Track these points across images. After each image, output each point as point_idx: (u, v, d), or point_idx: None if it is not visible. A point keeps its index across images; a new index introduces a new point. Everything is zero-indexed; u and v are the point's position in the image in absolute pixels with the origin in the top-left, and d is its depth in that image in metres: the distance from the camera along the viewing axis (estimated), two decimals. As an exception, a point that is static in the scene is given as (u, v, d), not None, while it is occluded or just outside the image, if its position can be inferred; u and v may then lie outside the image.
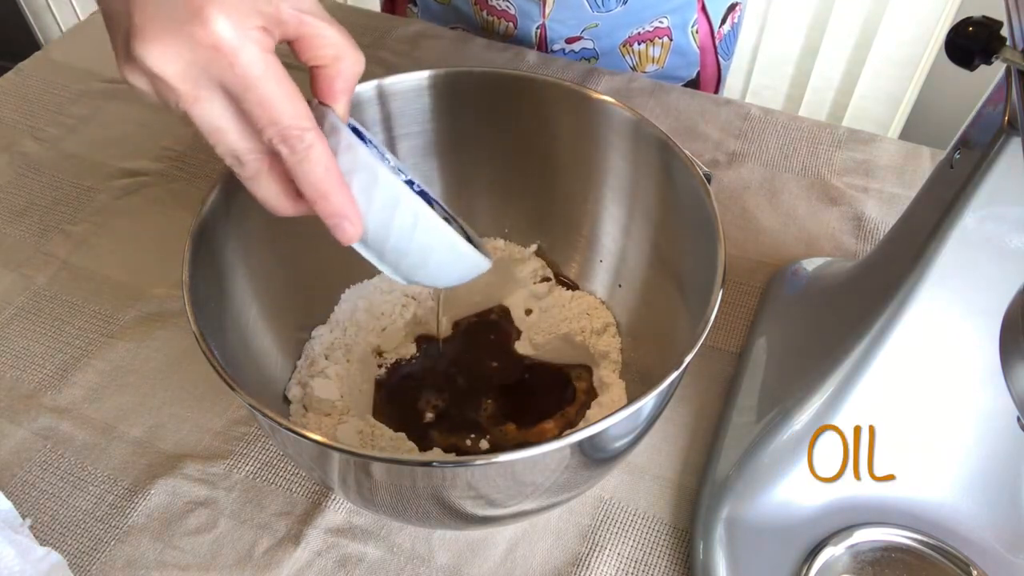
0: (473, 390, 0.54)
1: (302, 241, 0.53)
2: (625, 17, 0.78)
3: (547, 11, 0.78)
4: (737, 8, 0.84)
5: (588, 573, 0.47)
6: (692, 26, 0.81)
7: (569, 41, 0.81)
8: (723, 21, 0.83)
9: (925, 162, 0.70)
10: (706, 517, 0.47)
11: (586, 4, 0.77)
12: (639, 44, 0.81)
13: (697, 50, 0.82)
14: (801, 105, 1.50)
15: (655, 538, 0.48)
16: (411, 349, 0.56)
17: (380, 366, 0.55)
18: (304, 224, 0.53)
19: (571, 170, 0.55)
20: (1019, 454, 0.45)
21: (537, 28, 0.80)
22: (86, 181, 0.69)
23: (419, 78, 0.51)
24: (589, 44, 0.81)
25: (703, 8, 0.80)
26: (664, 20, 0.79)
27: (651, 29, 0.80)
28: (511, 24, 0.81)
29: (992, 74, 0.39)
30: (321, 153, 0.33)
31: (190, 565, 0.47)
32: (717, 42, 0.84)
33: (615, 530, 0.49)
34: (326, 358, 0.52)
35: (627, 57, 0.82)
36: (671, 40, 0.81)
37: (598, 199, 0.55)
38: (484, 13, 0.82)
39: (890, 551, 0.45)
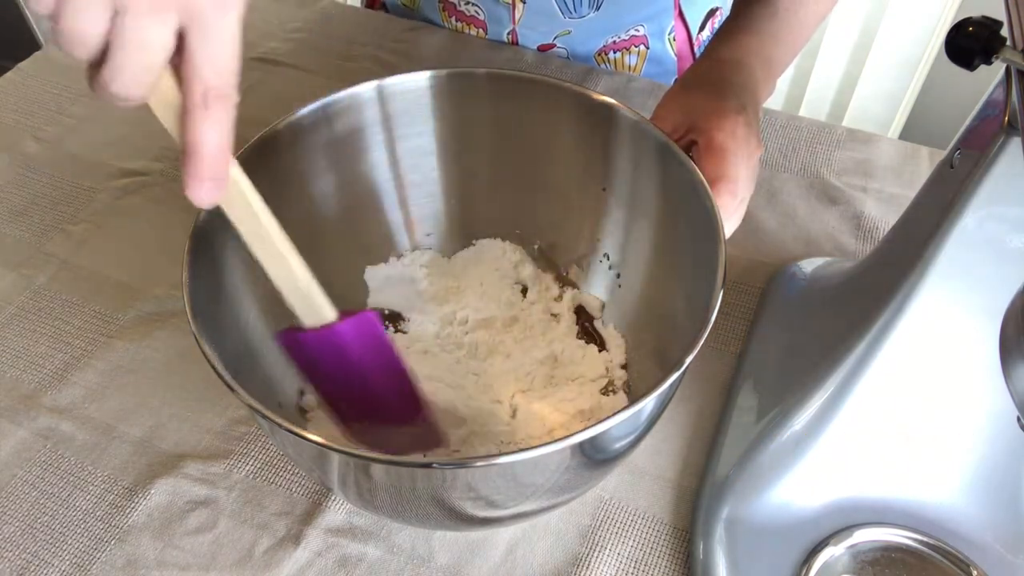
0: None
1: (302, 242, 0.53)
2: (599, 24, 0.76)
3: (517, 17, 0.75)
4: (718, 13, 0.82)
5: (588, 573, 0.47)
6: (669, 33, 0.78)
7: (542, 49, 0.78)
8: (702, 27, 0.81)
9: (923, 162, 0.70)
10: (706, 517, 0.47)
11: (557, 10, 0.74)
12: (614, 53, 0.78)
13: (675, 58, 0.80)
14: (801, 105, 1.50)
15: (655, 538, 0.48)
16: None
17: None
18: (304, 225, 0.53)
19: (571, 170, 0.55)
20: (1019, 454, 0.45)
21: (508, 34, 0.78)
22: (86, 181, 0.69)
23: (420, 79, 0.51)
24: (563, 52, 0.79)
25: (680, 14, 0.78)
26: (640, 28, 0.77)
27: (627, 37, 0.77)
28: (480, 30, 0.79)
29: (992, 74, 0.39)
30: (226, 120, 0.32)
31: (190, 565, 0.47)
32: (695, 48, 0.81)
33: (615, 530, 0.49)
34: None
35: (602, 66, 0.79)
36: (647, 48, 0.78)
37: (598, 199, 0.55)
38: (453, 19, 0.80)
39: (890, 551, 0.45)
